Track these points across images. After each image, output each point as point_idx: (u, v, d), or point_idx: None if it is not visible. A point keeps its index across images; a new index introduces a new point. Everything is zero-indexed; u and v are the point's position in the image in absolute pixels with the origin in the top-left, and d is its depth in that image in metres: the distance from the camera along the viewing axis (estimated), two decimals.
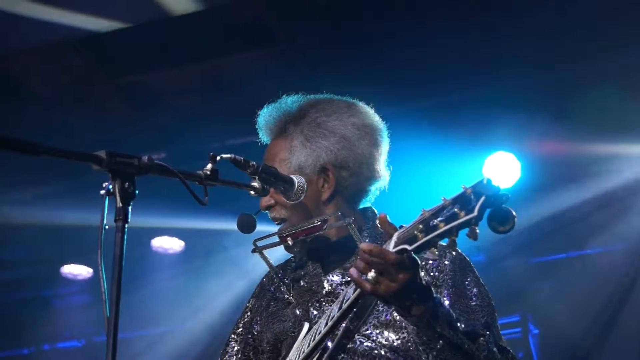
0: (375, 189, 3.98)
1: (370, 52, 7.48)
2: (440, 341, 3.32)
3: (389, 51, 7.54)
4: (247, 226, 3.83)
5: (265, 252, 3.88)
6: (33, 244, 9.70)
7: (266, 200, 3.86)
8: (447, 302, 3.62)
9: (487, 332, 3.52)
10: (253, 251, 3.84)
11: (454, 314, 3.40)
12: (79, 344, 10.76)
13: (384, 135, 4.00)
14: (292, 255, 4.10)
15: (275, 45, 7.75)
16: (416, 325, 3.33)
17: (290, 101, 4.00)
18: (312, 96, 4.03)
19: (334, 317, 3.41)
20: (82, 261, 9.88)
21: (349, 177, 3.90)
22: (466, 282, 3.72)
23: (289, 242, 3.81)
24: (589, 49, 7.36)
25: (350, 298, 3.34)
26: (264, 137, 4.04)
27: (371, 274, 3.13)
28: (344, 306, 3.36)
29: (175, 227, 9.33)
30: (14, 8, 7.35)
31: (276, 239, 3.82)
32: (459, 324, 3.38)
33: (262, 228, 3.93)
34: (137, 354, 9.53)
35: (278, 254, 4.07)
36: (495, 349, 3.49)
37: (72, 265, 9.98)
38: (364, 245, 3.16)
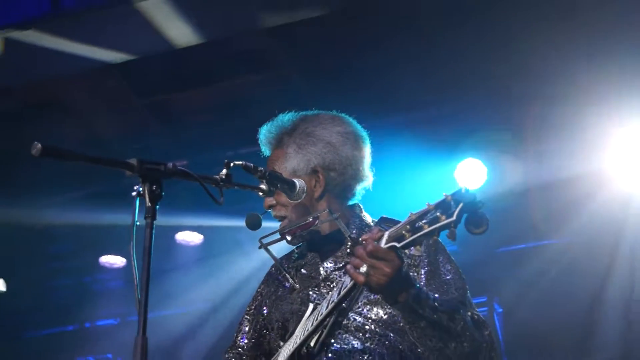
0: (360, 187, 4.00)
1: (362, 76, 7.48)
2: (423, 321, 3.35)
3: (377, 75, 7.56)
4: (254, 224, 3.84)
5: (270, 247, 3.90)
6: (76, 238, 9.71)
7: (269, 201, 3.90)
8: (423, 279, 3.67)
9: (462, 306, 3.53)
10: (259, 247, 3.85)
11: (432, 296, 3.41)
12: (115, 322, 10.77)
13: (365, 141, 4.02)
14: (294, 247, 4.13)
15: (275, 70, 7.76)
16: (401, 310, 3.37)
17: (285, 118, 4.03)
18: (303, 112, 4.06)
19: (333, 301, 3.45)
20: (117, 252, 9.89)
21: (336, 177, 3.92)
22: (440, 260, 3.75)
23: (288, 238, 3.86)
24: (540, 69, 7.32)
25: (347, 286, 3.39)
26: (265, 150, 4.07)
27: (363, 268, 3.18)
28: (342, 292, 3.42)
29: (195, 224, 9.35)
30: (58, 45, 7.41)
31: (278, 235, 3.85)
32: (436, 304, 3.36)
33: (267, 225, 3.94)
34: (164, 330, 9.52)
35: (283, 246, 4.07)
36: (470, 320, 3.49)
37: (108, 255, 10.00)
38: (359, 248, 3.21)
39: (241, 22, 7.37)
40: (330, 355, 3.65)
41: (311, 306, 3.73)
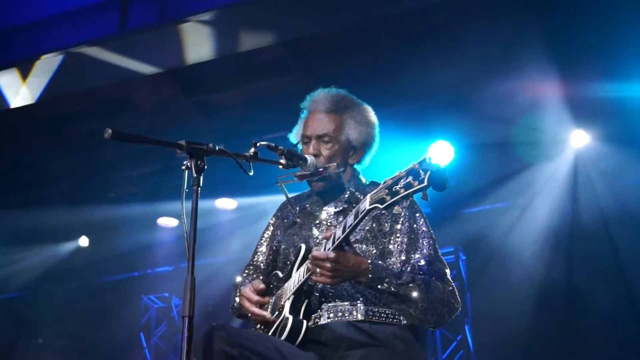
0: (365, 165, 3.94)
1: (361, 78, 7.49)
2: (385, 293, 3.38)
3: (370, 75, 7.61)
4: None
5: (284, 186, 3.83)
6: (140, 204, 9.71)
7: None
8: (406, 241, 3.59)
9: (424, 267, 3.52)
10: (276, 184, 3.77)
11: (390, 273, 3.40)
12: (170, 268, 10.78)
13: None
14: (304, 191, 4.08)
15: (290, 75, 7.76)
16: (366, 287, 3.39)
17: (342, 93, 3.90)
18: (349, 95, 3.93)
19: (329, 248, 3.36)
20: (171, 215, 9.90)
21: (365, 153, 3.88)
22: (417, 225, 3.65)
23: (300, 180, 3.75)
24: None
25: (340, 237, 3.32)
26: (314, 106, 3.85)
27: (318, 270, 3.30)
28: (335, 243, 3.33)
29: (230, 191, 9.37)
30: (126, 56, 7.47)
31: (293, 177, 3.73)
32: (393, 280, 3.37)
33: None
34: (208, 274, 9.53)
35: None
36: (434, 278, 3.49)
37: (164, 217, 10.00)
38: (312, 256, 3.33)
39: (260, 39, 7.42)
40: (320, 284, 3.57)
41: (303, 247, 3.67)
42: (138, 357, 10.70)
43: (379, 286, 3.34)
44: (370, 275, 3.32)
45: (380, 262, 3.50)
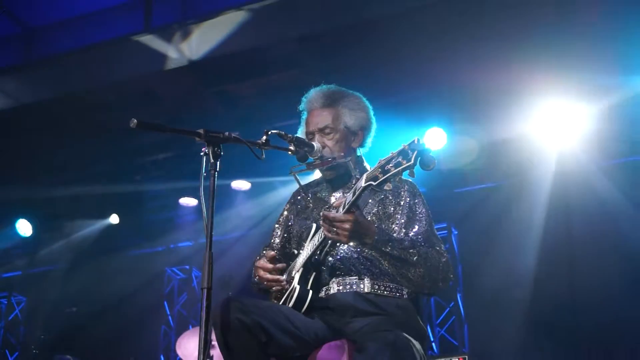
0: (369, 143, 3.94)
1: (362, 71, 7.45)
2: (388, 256, 3.39)
3: (371, 69, 7.54)
4: None
5: (298, 175, 3.83)
6: (163, 184, 9.70)
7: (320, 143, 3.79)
8: (405, 220, 3.63)
9: (422, 240, 3.55)
10: (289, 174, 3.75)
11: (393, 238, 3.45)
12: (190, 244, 10.77)
13: None
14: (315, 179, 4.12)
15: (300, 68, 7.70)
16: (371, 249, 3.43)
17: (333, 88, 3.92)
18: (342, 88, 3.95)
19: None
20: (191, 195, 9.88)
21: (365, 136, 3.89)
22: (416, 204, 3.69)
23: (310, 169, 3.78)
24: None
25: (349, 203, 3.32)
26: (311, 105, 3.89)
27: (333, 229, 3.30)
28: (343, 210, 3.34)
29: (245, 174, 9.34)
30: (147, 56, 7.50)
31: (304, 167, 3.73)
32: (397, 243, 3.40)
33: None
34: (224, 248, 9.55)
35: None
36: (429, 249, 3.51)
37: (185, 197, 9.96)
38: (325, 216, 3.32)
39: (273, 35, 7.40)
40: (331, 259, 3.63)
41: (314, 226, 3.70)
42: (163, 323, 10.75)
43: (383, 248, 3.37)
44: (376, 237, 3.35)
45: (385, 229, 3.54)
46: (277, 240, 4.03)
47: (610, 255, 7.86)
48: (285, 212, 4.09)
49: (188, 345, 7.45)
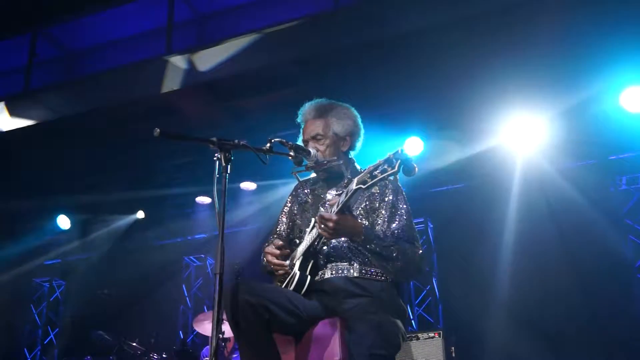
0: (358, 147, 3.93)
1: (352, 87, 7.42)
2: (372, 251, 3.41)
3: (361, 86, 7.52)
4: None
5: (298, 175, 3.81)
6: (181, 185, 9.67)
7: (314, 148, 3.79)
8: (388, 214, 3.62)
9: (402, 235, 3.55)
10: (291, 173, 3.73)
11: (376, 235, 3.46)
12: (205, 235, 10.73)
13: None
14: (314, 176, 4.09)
15: (298, 86, 7.68)
16: (359, 245, 3.44)
17: (323, 101, 3.90)
18: (332, 100, 3.94)
19: (333, 212, 3.39)
20: (205, 194, 9.85)
21: (353, 141, 3.87)
22: (398, 201, 3.69)
23: (309, 170, 3.76)
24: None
25: (335, 212, 3.36)
26: (305, 117, 3.88)
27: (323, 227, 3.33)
28: (337, 209, 3.38)
29: (252, 176, 9.31)
30: (168, 76, 7.46)
31: (303, 168, 3.71)
32: (380, 241, 3.41)
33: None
34: (234, 240, 9.52)
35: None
36: (407, 245, 3.51)
37: (201, 196, 9.93)
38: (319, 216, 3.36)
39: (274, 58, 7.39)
40: (326, 248, 3.63)
41: (313, 220, 3.69)
42: (181, 304, 10.72)
43: (368, 246, 3.39)
44: (362, 237, 3.38)
45: (371, 228, 3.54)
46: (283, 227, 4.01)
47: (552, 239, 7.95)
48: (289, 204, 4.07)
49: (204, 322, 7.73)
